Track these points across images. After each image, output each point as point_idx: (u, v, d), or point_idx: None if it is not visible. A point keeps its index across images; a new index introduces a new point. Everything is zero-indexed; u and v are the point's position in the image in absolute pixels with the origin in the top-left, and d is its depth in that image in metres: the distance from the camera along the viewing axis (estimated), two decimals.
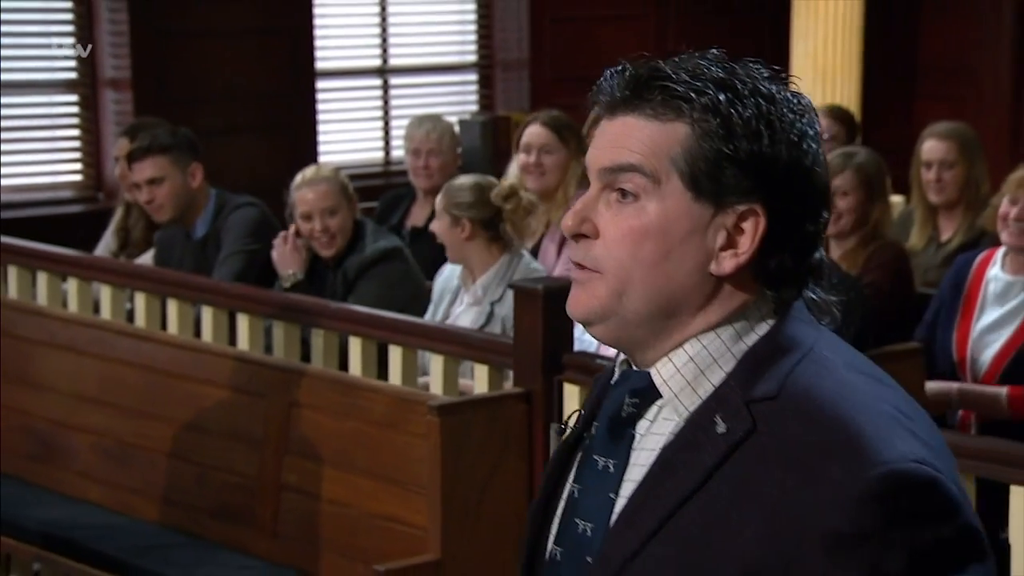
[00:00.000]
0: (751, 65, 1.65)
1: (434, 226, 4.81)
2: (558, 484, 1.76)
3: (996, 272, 4.58)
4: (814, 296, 1.68)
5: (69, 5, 7.47)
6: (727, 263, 1.62)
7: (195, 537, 4.46)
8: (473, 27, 8.65)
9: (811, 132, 1.63)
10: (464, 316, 4.71)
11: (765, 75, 1.64)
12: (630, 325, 1.64)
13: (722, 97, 1.59)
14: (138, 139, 5.48)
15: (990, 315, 4.55)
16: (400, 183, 6.68)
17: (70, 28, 7.48)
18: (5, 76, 7.33)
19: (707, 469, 1.58)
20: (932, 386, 4.36)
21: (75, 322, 5.04)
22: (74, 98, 7.53)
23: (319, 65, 7.94)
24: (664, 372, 1.64)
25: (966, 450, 3.34)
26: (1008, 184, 4.57)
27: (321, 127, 7.95)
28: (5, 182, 7.32)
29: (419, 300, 5.01)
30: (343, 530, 4.15)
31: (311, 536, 4.24)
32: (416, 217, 5.95)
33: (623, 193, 1.63)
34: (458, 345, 4.17)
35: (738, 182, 1.60)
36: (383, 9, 8.34)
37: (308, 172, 5.19)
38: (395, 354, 4.31)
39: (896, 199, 6.00)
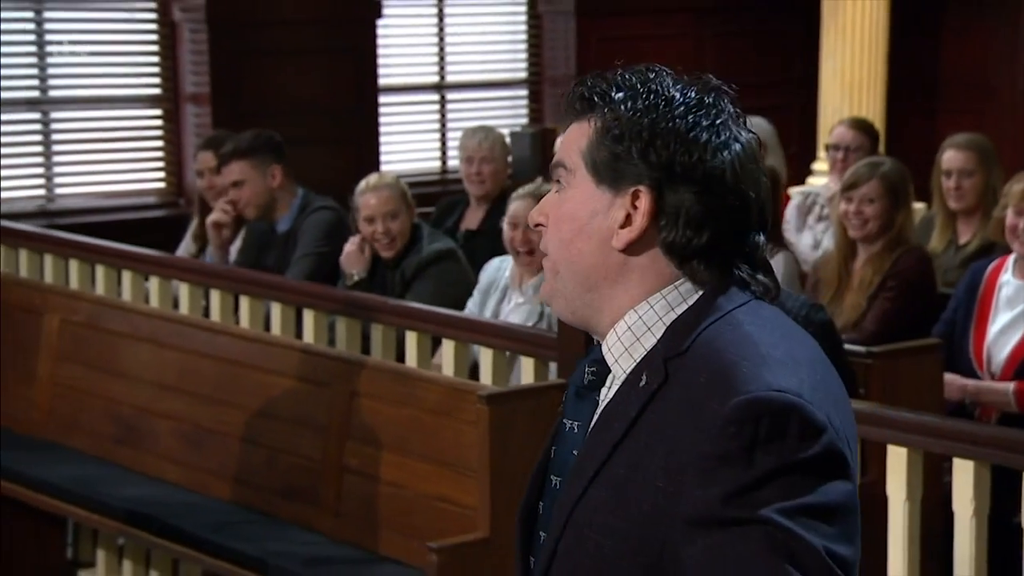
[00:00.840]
0: (665, 74, 1.74)
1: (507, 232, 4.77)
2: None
3: (1008, 278, 4.57)
4: (749, 274, 1.73)
5: (155, 27, 7.50)
6: (622, 237, 1.70)
7: (264, 515, 4.46)
8: (524, 46, 8.63)
9: (705, 123, 1.70)
10: (515, 314, 4.69)
11: (684, 82, 1.73)
12: (569, 301, 1.76)
13: (617, 95, 1.70)
14: (223, 146, 5.52)
15: (1003, 318, 4.53)
16: (455, 190, 6.67)
17: (155, 47, 7.52)
18: (96, 91, 7.38)
19: (630, 419, 1.66)
20: (950, 385, 4.33)
21: (156, 317, 5.05)
22: (158, 112, 7.57)
23: (381, 82, 7.95)
24: (609, 341, 1.74)
25: (982, 439, 3.33)
26: (1011, 196, 4.55)
27: (383, 139, 7.97)
28: (95, 188, 7.38)
29: (470, 298, 5.01)
30: (400, 510, 4.14)
31: (370, 515, 4.23)
32: (469, 221, 5.94)
33: (557, 184, 1.77)
34: (506, 339, 4.17)
35: (629, 168, 1.69)
36: (441, 29, 8.35)
37: (371, 179, 5.22)
38: (448, 347, 4.30)
39: (918, 206, 5.96)
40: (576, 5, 8.46)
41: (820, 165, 7.49)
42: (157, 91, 7.55)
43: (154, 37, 7.53)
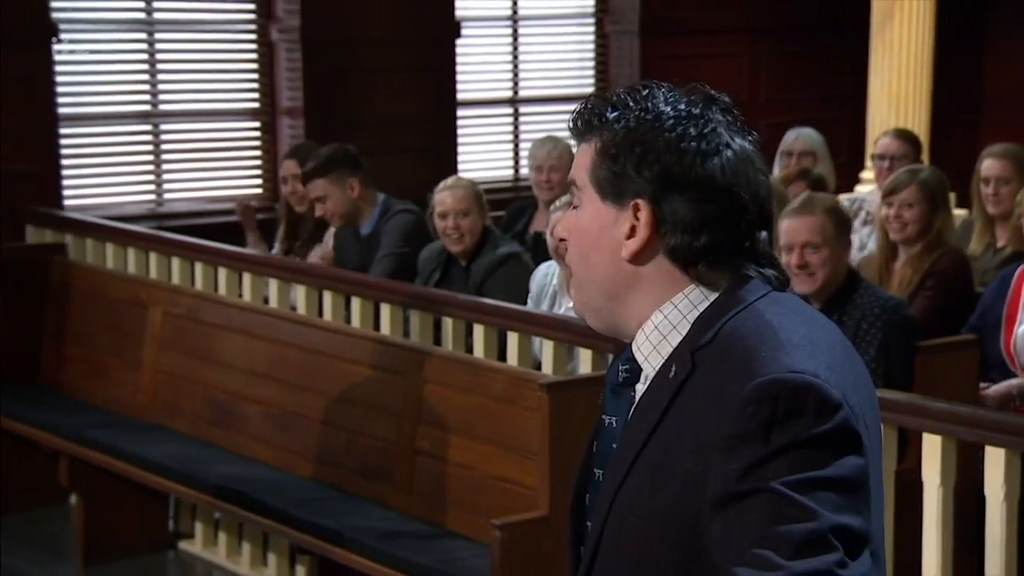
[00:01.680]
0: (658, 89, 1.70)
1: None
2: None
3: None
4: (756, 270, 1.69)
5: (254, 47, 7.51)
6: (628, 248, 1.66)
7: (343, 492, 4.44)
8: (591, 63, 8.54)
9: (692, 133, 1.66)
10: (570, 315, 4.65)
11: (664, 98, 1.69)
12: (596, 311, 1.72)
13: (612, 115, 1.67)
14: (305, 165, 5.53)
15: None
16: (526, 196, 6.63)
17: (254, 65, 7.53)
18: (201, 105, 7.41)
19: (662, 408, 1.62)
20: (995, 389, 4.19)
21: (249, 310, 5.05)
22: (256, 124, 7.57)
23: (460, 96, 7.89)
24: (637, 341, 1.70)
25: (1013, 428, 3.21)
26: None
27: (461, 148, 7.92)
28: (200, 194, 7.41)
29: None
30: (466, 489, 4.11)
31: (439, 494, 4.20)
32: (538, 224, 5.89)
33: (572, 204, 1.74)
34: (566, 332, 4.12)
35: (627, 184, 1.66)
36: (514, 48, 8.29)
37: (450, 180, 5.24)
38: (512, 340, 4.26)
39: (959, 212, 5.86)
40: (640, 26, 8.38)
41: (867, 174, 7.34)
42: (256, 105, 7.55)
43: (253, 56, 7.53)
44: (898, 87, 7.63)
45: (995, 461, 3.17)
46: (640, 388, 1.70)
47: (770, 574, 1.49)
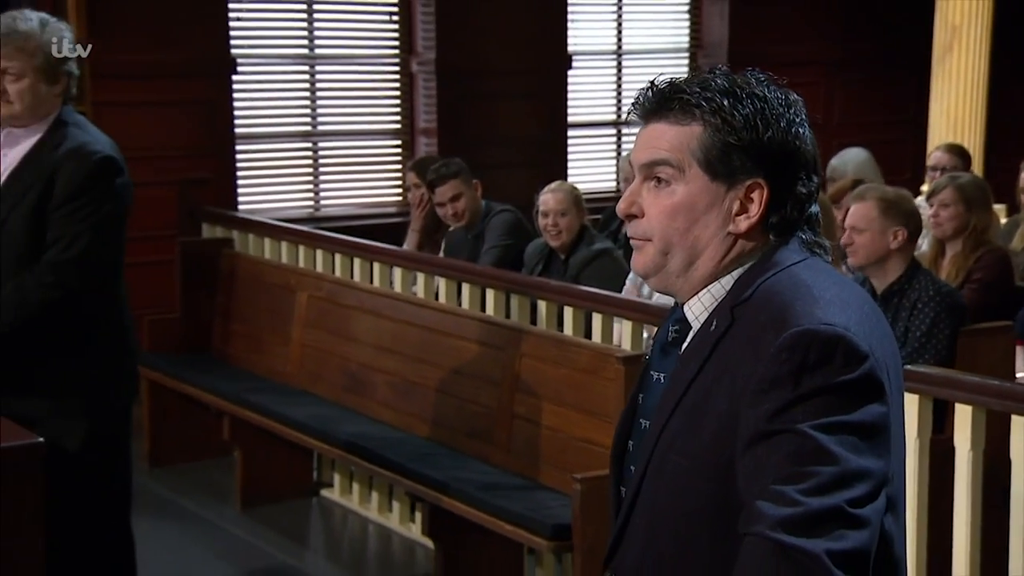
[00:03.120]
0: (748, 74, 1.59)
1: None
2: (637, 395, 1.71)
3: None
4: (810, 238, 1.60)
5: (397, 76, 7.51)
6: (742, 224, 1.57)
7: (453, 450, 4.37)
8: None
9: (797, 120, 1.57)
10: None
11: (761, 80, 1.59)
12: (672, 276, 1.61)
13: (725, 102, 1.55)
14: (433, 171, 5.48)
15: None
16: None
17: (397, 92, 7.53)
18: (352, 126, 7.44)
19: (703, 358, 1.54)
20: None
21: (378, 294, 5.00)
22: (398, 142, 7.59)
23: (570, 119, 7.85)
24: (693, 306, 1.61)
25: None
26: None
27: (570, 164, 7.87)
28: (349, 200, 7.43)
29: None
30: (555, 448, 4.01)
31: (533, 452, 4.10)
32: None
33: (659, 180, 1.58)
34: (641, 313, 4.00)
35: (743, 163, 1.55)
36: (618, 78, 8.17)
37: (553, 184, 5.19)
38: (596, 320, 4.16)
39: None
40: (728, 59, 8.20)
41: (926, 187, 7.10)
42: (397, 126, 7.57)
43: (396, 84, 7.54)
44: (956, 111, 7.36)
45: (1020, 429, 2.96)
46: (686, 345, 1.61)
47: (788, 509, 1.38)
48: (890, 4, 8.64)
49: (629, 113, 1.65)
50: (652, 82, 1.62)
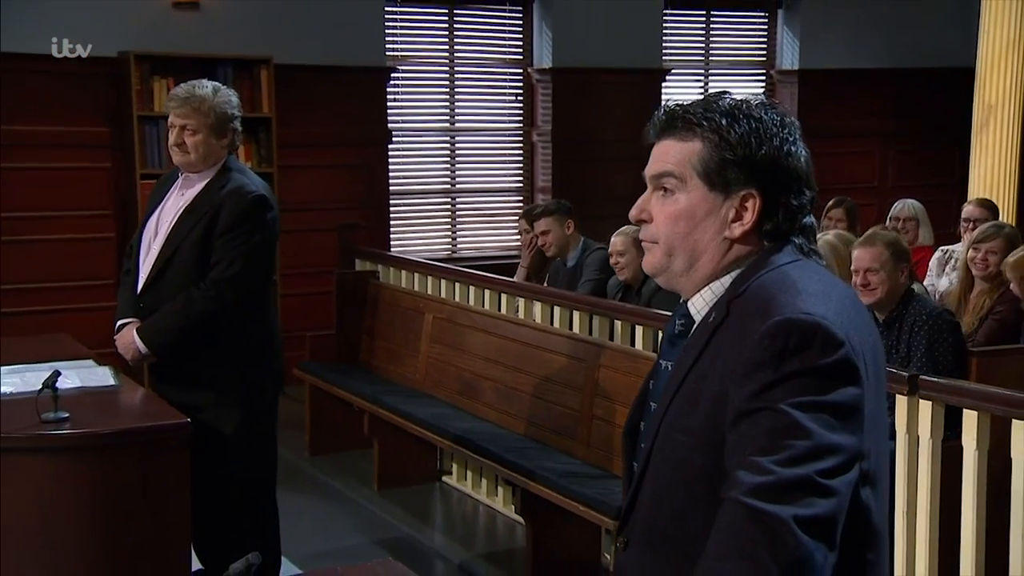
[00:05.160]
0: (750, 99, 1.49)
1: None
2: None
3: None
4: (805, 245, 1.47)
5: (520, 146, 7.49)
6: (737, 230, 1.46)
7: (543, 444, 4.26)
8: None
9: (790, 139, 1.45)
10: None
11: (762, 104, 1.47)
12: (676, 275, 1.51)
13: (723, 121, 1.45)
14: (538, 207, 5.49)
15: None
16: None
17: (520, 157, 7.52)
18: (482, 184, 7.44)
19: (701, 346, 1.43)
20: None
21: (487, 315, 4.93)
22: (520, 198, 7.55)
23: None
24: (695, 300, 1.51)
25: None
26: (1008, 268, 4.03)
27: None
28: (480, 244, 7.41)
29: None
30: None
31: (608, 447, 3.97)
32: None
33: (665, 190, 1.49)
34: None
35: (737, 176, 1.44)
36: None
37: (621, 228, 4.91)
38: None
39: None
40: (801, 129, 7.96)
41: (964, 235, 6.74)
42: (520, 185, 7.55)
43: (519, 151, 7.54)
44: (992, 176, 7.02)
45: (1020, 432, 2.70)
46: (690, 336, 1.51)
47: (761, 477, 1.26)
48: (935, 86, 8.30)
49: (644, 133, 1.56)
50: (665, 104, 1.53)
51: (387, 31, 6.98)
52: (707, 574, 1.29)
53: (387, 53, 6.99)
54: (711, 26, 7.98)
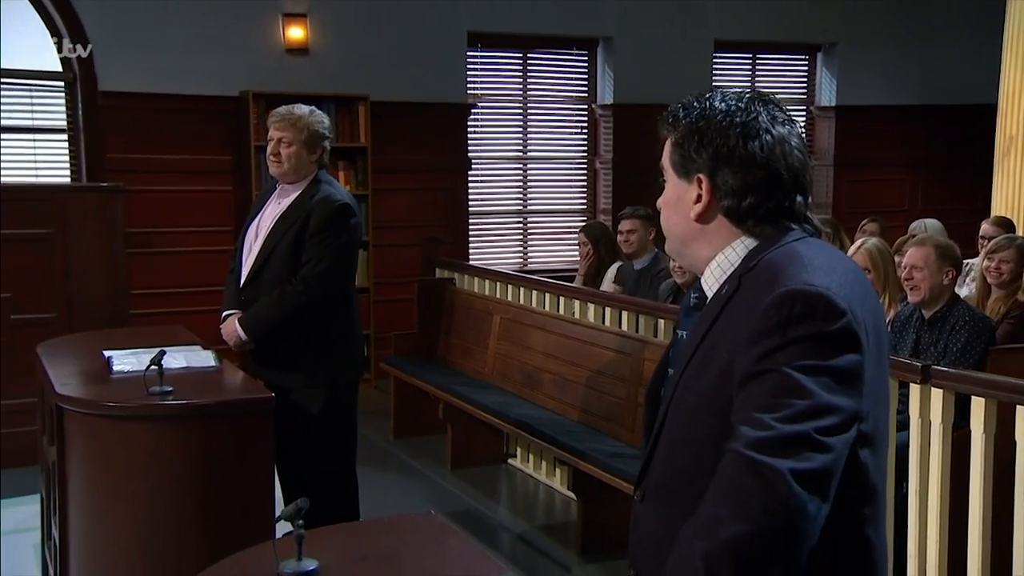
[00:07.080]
0: (727, 91, 1.42)
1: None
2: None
3: None
4: (810, 228, 1.40)
5: (584, 171, 7.44)
6: (695, 211, 1.41)
7: (594, 429, 4.19)
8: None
9: (737, 121, 1.37)
10: None
11: (720, 99, 1.40)
12: (680, 255, 1.48)
13: (682, 115, 1.41)
14: (628, 208, 5.38)
15: None
16: None
17: (584, 182, 7.46)
18: (551, 206, 7.38)
19: (713, 317, 1.37)
20: None
21: (547, 315, 4.88)
22: (583, 218, 7.48)
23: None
24: (705, 276, 1.45)
25: None
26: None
27: None
28: (549, 257, 7.35)
29: None
30: None
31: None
32: None
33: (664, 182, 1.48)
34: None
35: (692, 163, 1.40)
36: None
37: None
38: None
39: None
40: (834, 160, 7.76)
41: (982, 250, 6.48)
42: (583, 206, 7.49)
43: (583, 177, 7.50)
44: (1014, 201, 6.71)
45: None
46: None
47: (762, 432, 1.21)
48: (961, 119, 8.01)
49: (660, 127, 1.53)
50: (670, 109, 1.50)
51: (468, 71, 7.02)
52: (704, 519, 1.24)
53: (468, 91, 7.03)
54: (756, 66, 7.85)
